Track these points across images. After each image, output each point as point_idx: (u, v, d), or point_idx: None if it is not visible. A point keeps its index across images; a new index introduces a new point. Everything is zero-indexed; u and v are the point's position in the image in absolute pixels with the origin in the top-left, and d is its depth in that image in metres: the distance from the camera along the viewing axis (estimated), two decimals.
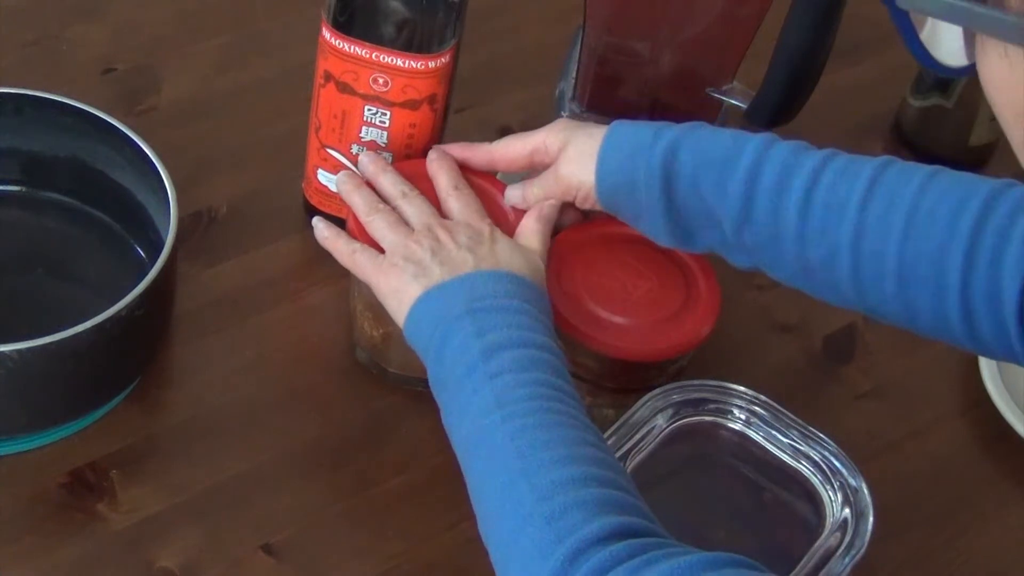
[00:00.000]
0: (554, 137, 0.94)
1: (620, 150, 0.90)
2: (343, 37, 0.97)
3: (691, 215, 0.89)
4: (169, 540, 0.90)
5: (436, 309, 0.85)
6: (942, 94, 1.22)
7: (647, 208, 0.89)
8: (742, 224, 0.86)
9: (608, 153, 0.91)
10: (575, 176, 0.92)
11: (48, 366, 0.87)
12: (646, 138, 0.89)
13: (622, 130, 0.91)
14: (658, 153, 0.88)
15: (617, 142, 0.91)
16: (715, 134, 0.90)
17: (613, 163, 0.90)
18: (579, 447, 0.77)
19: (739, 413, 0.91)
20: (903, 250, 0.82)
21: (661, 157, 0.88)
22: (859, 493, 0.86)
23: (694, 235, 0.90)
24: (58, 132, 1.00)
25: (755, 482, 0.89)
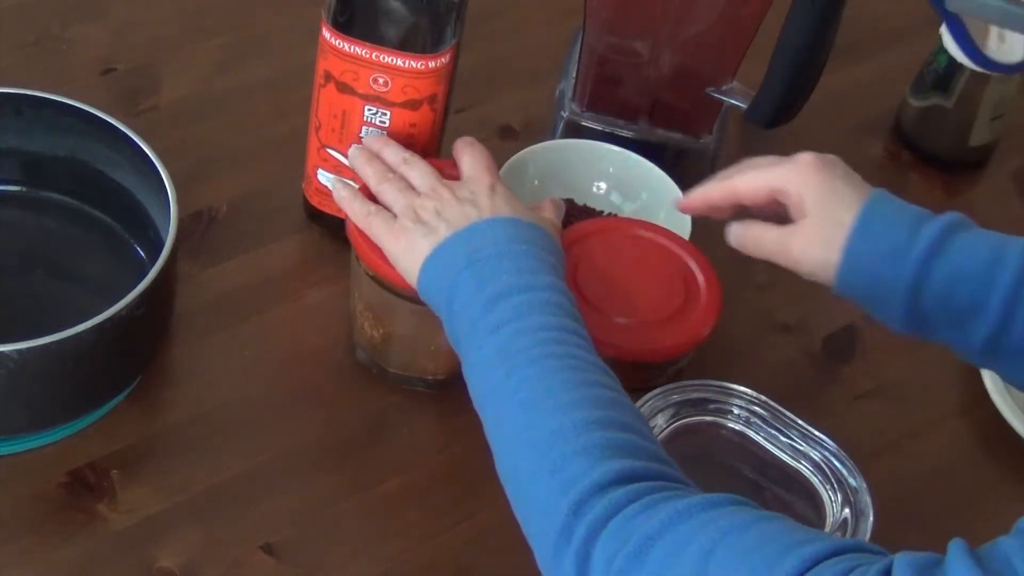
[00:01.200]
0: (801, 187, 0.87)
1: (872, 245, 0.84)
2: (343, 37, 0.97)
3: (936, 320, 0.85)
4: (169, 540, 0.90)
5: (442, 266, 0.85)
6: (942, 94, 1.22)
7: (886, 303, 0.85)
8: (995, 337, 0.83)
9: (858, 247, 0.84)
10: (808, 256, 0.87)
11: (48, 366, 0.87)
12: (901, 238, 0.84)
13: (876, 224, 0.85)
14: (912, 262, 0.83)
15: (870, 236, 0.85)
16: (974, 243, 0.84)
17: (863, 259, 0.84)
18: (582, 389, 0.76)
19: (739, 413, 0.91)
20: None
21: (915, 267, 0.83)
22: (859, 493, 0.86)
23: (933, 333, 0.86)
24: (58, 132, 1.00)
25: (755, 482, 0.89)
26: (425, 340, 0.97)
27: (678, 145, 1.16)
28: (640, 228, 1.00)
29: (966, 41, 0.58)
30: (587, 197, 1.13)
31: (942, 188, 1.25)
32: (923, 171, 1.26)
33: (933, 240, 0.83)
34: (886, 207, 0.85)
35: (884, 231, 0.84)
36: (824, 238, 0.85)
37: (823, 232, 0.85)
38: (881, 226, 0.84)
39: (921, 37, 1.26)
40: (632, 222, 1.02)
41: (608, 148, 1.13)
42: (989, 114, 1.23)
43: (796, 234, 0.87)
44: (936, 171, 1.26)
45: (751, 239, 0.90)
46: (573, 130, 1.16)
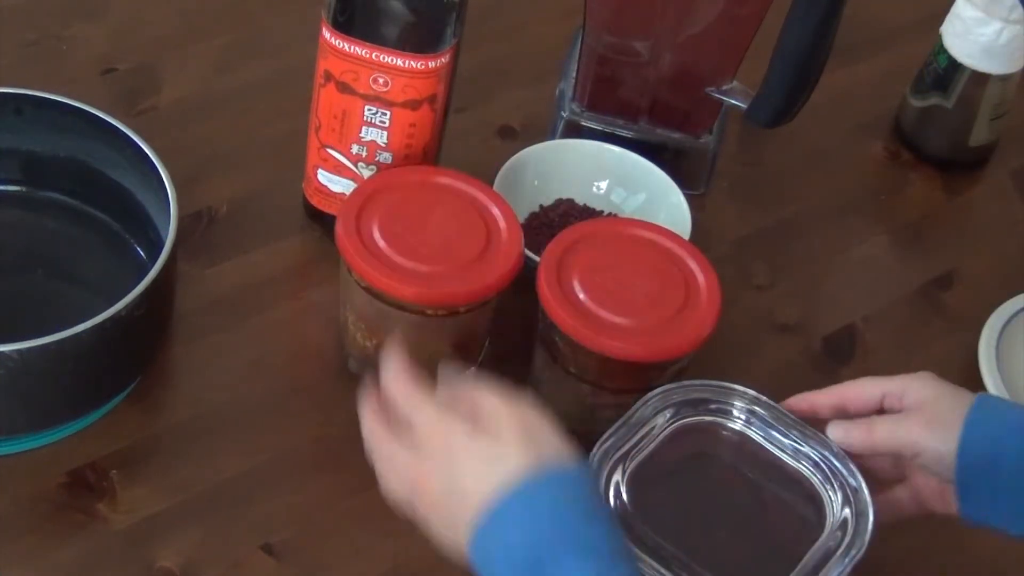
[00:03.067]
0: (918, 387, 0.88)
1: (988, 422, 0.85)
2: (343, 37, 0.97)
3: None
4: (169, 540, 0.90)
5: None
6: (942, 94, 1.22)
7: (1009, 487, 0.84)
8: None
9: (977, 422, 0.85)
10: (925, 440, 0.85)
11: (48, 366, 0.87)
12: (1014, 415, 0.85)
13: (991, 402, 0.87)
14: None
15: (986, 414, 0.85)
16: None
17: (980, 432, 0.84)
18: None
19: (739, 413, 0.91)
20: None
21: None
22: (859, 493, 0.86)
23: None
24: (58, 132, 1.00)
25: (755, 482, 0.89)
26: (419, 348, 0.97)
27: (678, 145, 1.16)
28: (640, 228, 1.00)
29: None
30: (587, 197, 1.13)
31: (942, 188, 1.25)
32: (923, 171, 1.26)
33: None
34: (996, 401, 0.87)
35: (1000, 410, 0.85)
36: (944, 420, 0.85)
37: (943, 416, 0.86)
38: (998, 405, 0.86)
39: (921, 37, 1.26)
40: (632, 222, 1.02)
41: (608, 148, 1.13)
42: (989, 114, 1.23)
43: (912, 418, 0.87)
44: (936, 171, 1.26)
45: (853, 430, 0.89)
46: (573, 130, 1.16)
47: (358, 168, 1.03)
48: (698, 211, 1.11)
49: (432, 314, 0.94)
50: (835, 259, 1.18)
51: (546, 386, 0.99)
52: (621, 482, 0.85)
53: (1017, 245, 1.22)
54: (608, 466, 0.85)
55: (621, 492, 0.84)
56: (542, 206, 1.12)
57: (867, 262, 1.19)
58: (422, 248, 0.94)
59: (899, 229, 1.22)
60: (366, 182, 0.99)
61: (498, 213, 0.97)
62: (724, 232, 1.17)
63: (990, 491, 0.84)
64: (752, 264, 1.15)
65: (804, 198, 1.22)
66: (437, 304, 0.94)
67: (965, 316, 1.13)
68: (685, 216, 1.08)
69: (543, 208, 1.11)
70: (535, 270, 0.96)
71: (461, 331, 0.97)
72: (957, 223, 1.24)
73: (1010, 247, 1.22)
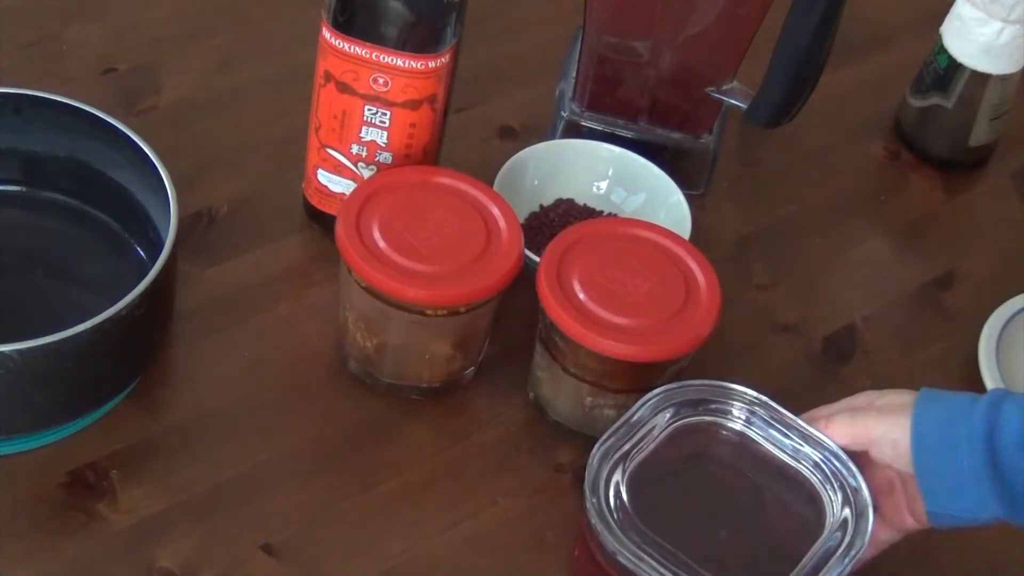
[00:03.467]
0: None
1: (937, 401, 0.85)
2: (343, 37, 0.97)
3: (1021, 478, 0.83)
4: (169, 540, 0.90)
5: None
6: (942, 94, 1.22)
7: (970, 465, 0.83)
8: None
9: (926, 403, 0.85)
10: (877, 426, 0.86)
11: (48, 366, 0.87)
12: (962, 396, 0.85)
13: (937, 392, 0.86)
14: (980, 411, 0.83)
15: (933, 396, 0.86)
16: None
17: (931, 413, 0.85)
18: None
19: (739, 413, 0.90)
20: None
21: (984, 416, 0.83)
22: (859, 493, 0.86)
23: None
24: (58, 132, 1.00)
25: (755, 482, 0.89)
26: (419, 348, 0.97)
27: (678, 145, 1.16)
28: (640, 228, 1.00)
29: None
30: (587, 197, 1.13)
31: (942, 188, 1.25)
32: (923, 171, 1.26)
33: (998, 394, 0.84)
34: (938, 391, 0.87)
35: (945, 397, 0.85)
36: (893, 405, 0.86)
37: (891, 402, 0.87)
38: (941, 396, 0.86)
39: (921, 37, 1.26)
40: (632, 222, 1.02)
41: (608, 148, 1.13)
42: (989, 114, 1.23)
43: (866, 410, 0.88)
44: (936, 171, 1.26)
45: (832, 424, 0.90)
46: (573, 130, 1.16)
47: (358, 168, 1.03)
48: (698, 211, 1.11)
49: (432, 314, 0.94)
50: (835, 259, 1.18)
51: (546, 386, 0.99)
52: (621, 482, 0.85)
53: (1017, 245, 1.22)
54: (608, 466, 0.85)
55: (621, 492, 0.84)
56: (542, 206, 1.12)
57: (867, 262, 1.19)
58: (422, 248, 0.94)
59: (899, 229, 1.22)
60: (366, 182, 0.99)
61: (498, 213, 0.98)
62: (724, 232, 1.17)
63: (950, 470, 0.83)
64: (752, 264, 1.15)
65: (804, 198, 1.22)
66: (437, 304, 0.94)
67: (965, 316, 1.13)
68: (685, 216, 1.08)
69: (543, 208, 1.11)
70: (535, 270, 0.96)
71: (461, 331, 0.97)
72: (957, 223, 1.24)
73: (1010, 247, 1.22)
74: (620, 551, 0.82)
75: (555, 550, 0.93)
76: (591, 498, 0.84)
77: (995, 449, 0.82)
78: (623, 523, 0.83)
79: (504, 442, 0.99)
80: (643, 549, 0.82)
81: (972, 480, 0.82)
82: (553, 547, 0.93)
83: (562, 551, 0.92)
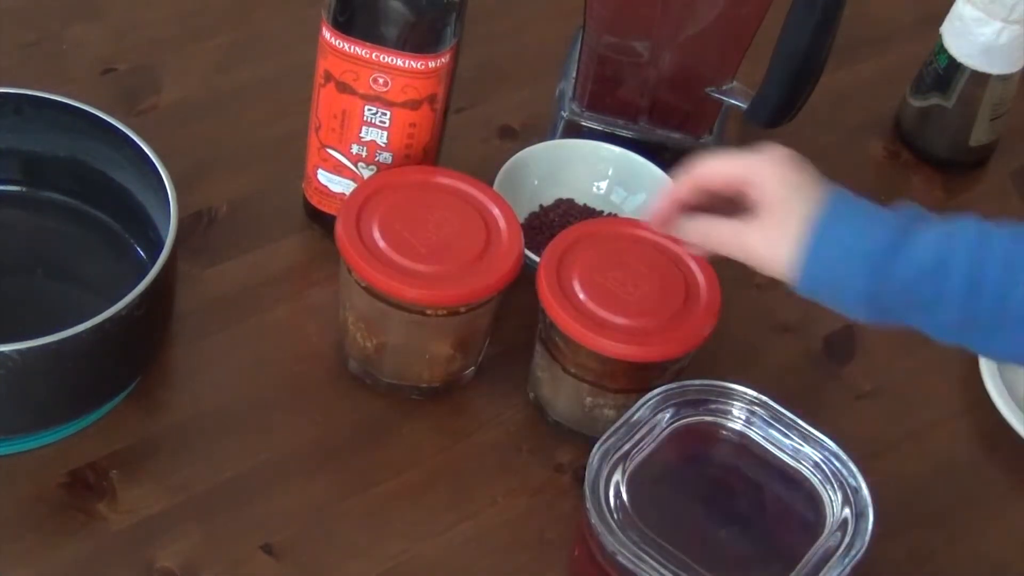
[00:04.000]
0: (769, 179, 0.88)
1: (831, 246, 0.85)
2: (343, 37, 0.97)
3: (899, 312, 0.85)
4: (169, 540, 0.90)
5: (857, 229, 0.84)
6: (942, 94, 1.22)
7: (847, 300, 0.85)
8: (961, 326, 0.84)
9: (818, 246, 0.85)
10: (765, 250, 0.87)
11: (48, 366, 0.87)
12: (857, 247, 0.84)
13: (836, 224, 0.85)
14: (866, 270, 0.83)
15: (829, 237, 0.85)
16: (925, 236, 0.84)
17: (822, 258, 0.85)
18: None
19: (739, 413, 0.91)
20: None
21: (874, 268, 0.83)
22: (859, 493, 0.86)
23: (900, 320, 0.86)
24: (58, 132, 1.00)
25: (755, 482, 0.89)
26: (419, 348, 0.97)
27: (678, 145, 1.16)
28: (640, 228, 1.00)
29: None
30: (587, 197, 1.13)
31: (942, 188, 1.25)
32: (923, 171, 1.26)
33: (888, 240, 0.83)
34: (846, 206, 0.86)
35: (843, 231, 0.85)
36: (784, 232, 0.86)
37: (783, 227, 0.86)
38: (840, 226, 0.85)
39: (921, 37, 1.26)
40: (632, 222, 1.02)
41: (608, 148, 1.13)
42: (989, 114, 1.23)
43: (752, 226, 0.88)
44: (936, 171, 1.26)
45: (703, 230, 0.91)
46: (573, 130, 1.16)
47: (358, 168, 1.03)
48: None
49: (432, 314, 0.94)
50: None
51: (546, 386, 0.99)
52: (621, 482, 0.85)
53: None
54: (608, 466, 0.85)
55: (621, 492, 0.84)
56: (542, 206, 1.12)
57: None
58: (422, 248, 0.94)
59: None
60: (366, 182, 0.99)
61: (498, 213, 0.98)
62: None
63: (831, 303, 0.86)
64: None
65: None
66: (437, 304, 0.94)
67: None
68: None
69: (543, 208, 1.11)
70: (535, 270, 0.96)
71: (461, 331, 0.97)
72: None
73: None
74: (620, 551, 0.82)
75: (555, 550, 0.93)
76: (591, 498, 0.84)
77: (881, 296, 0.84)
78: (623, 523, 0.83)
79: (504, 442, 0.99)
80: (643, 549, 0.82)
81: (852, 306, 0.85)
82: (553, 547, 0.93)
83: (562, 551, 0.92)
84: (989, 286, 0.82)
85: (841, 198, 0.86)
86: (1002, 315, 0.82)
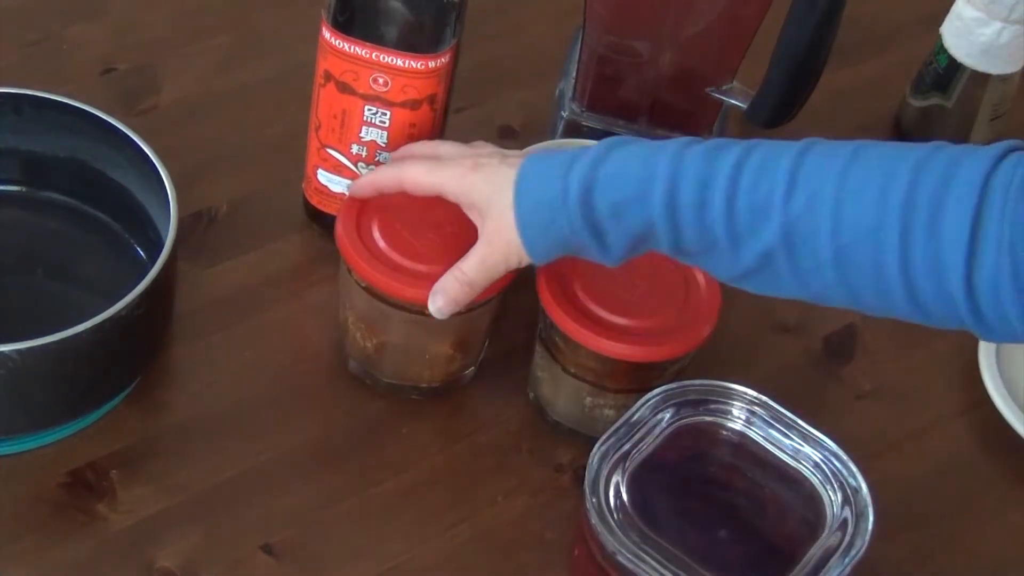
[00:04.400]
0: (467, 194, 0.89)
1: (536, 210, 0.86)
2: (343, 37, 0.97)
3: (627, 247, 0.86)
4: (169, 540, 0.90)
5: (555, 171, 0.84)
6: (942, 94, 1.22)
7: (586, 251, 0.87)
8: (676, 246, 0.84)
9: (527, 219, 0.86)
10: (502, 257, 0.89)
11: (48, 366, 0.87)
12: (555, 190, 0.85)
13: (531, 188, 0.86)
14: (573, 207, 0.84)
15: (529, 200, 0.86)
16: (624, 161, 0.84)
17: (536, 226, 0.86)
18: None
19: (739, 413, 0.91)
20: (836, 238, 0.78)
21: (579, 211, 0.84)
22: (859, 493, 0.86)
23: (634, 253, 0.87)
24: (58, 132, 1.00)
25: (755, 482, 0.89)
26: (419, 348, 0.97)
27: None
28: None
29: None
30: None
31: None
32: None
33: (584, 172, 0.84)
34: (535, 166, 0.86)
35: (539, 190, 0.85)
36: (505, 226, 0.87)
37: (501, 222, 0.87)
38: (535, 188, 0.86)
39: (921, 37, 1.26)
40: None
41: None
42: (989, 114, 1.23)
43: (482, 244, 0.89)
44: None
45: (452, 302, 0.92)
46: (573, 130, 1.16)
47: (358, 168, 1.03)
48: None
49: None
50: None
51: (546, 386, 0.99)
52: (621, 482, 0.85)
53: None
54: (608, 466, 0.85)
55: (621, 492, 0.84)
56: None
57: None
58: (422, 248, 0.94)
59: None
60: None
61: None
62: None
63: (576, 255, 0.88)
64: None
65: None
66: None
67: None
68: None
69: None
70: (535, 270, 0.96)
71: (461, 331, 0.97)
72: None
73: None
74: (620, 551, 0.82)
75: (555, 550, 0.93)
76: (591, 498, 0.84)
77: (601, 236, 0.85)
78: (623, 523, 0.83)
79: (504, 442, 0.99)
80: (643, 549, 0.82)
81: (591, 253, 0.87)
82: (553, 547, 0.93)
83: (562, 551, 0.92)
84: (685, 210, 0.82)
85: (530, 160, 0.87)
86: (705, 240, 0.82)
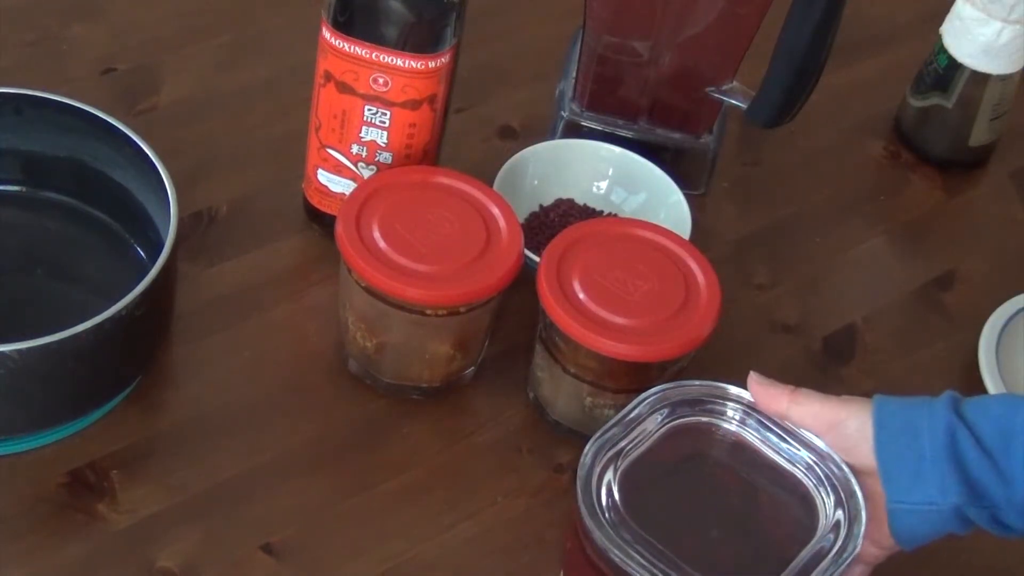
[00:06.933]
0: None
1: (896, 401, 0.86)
2: (343, 37, 0.97)
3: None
4: (169, 540, 0.90)
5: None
6: (942, 94, 1.22)
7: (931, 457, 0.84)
8: None
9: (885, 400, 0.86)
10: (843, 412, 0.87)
11: (48, 366, 0.87)
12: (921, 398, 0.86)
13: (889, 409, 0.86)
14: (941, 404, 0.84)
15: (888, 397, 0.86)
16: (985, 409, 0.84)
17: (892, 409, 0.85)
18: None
19: (734, 414, 0.90)
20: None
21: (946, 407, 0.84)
22: (853, 497, 0.86)
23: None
24: (58, 132, 1.00)
25: (749, 483, 0.89)
26: (419, 348, 0.97)
27: (678, 145, 1.16)
28: (640, 228, 1.00)
29: None
30: (587, 197, 1.13)
31: (942, 188, 1.25)
32: (923, 171, 1.26)
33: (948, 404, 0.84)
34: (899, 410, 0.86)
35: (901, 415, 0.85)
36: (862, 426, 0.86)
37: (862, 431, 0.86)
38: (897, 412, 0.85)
39: (921, 37, 1.26)
40: (632, 222, 1.02)
41: (608, 148, 1.13)
42: (989, 114, 1.23)
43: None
44: (936, 171, 1.26)
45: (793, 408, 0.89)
46: (573, 130, 1.16)
47: (358, 168, 1.03)
48: (698, 211, 1.11)
49: (432, 314, 0.94)
50: (835, 259, 1.18)
51: (546, 386, 0.99)
52: (613, 480, 0.85)
53: (1017, 245, 1.22)
54: (600, 464, 0.85)
55: (613, 490, 0.84)
56: (542, 206, 1.12)
57: (867, 262, 1.19)
58: (422, 248, 0.94)
59: (899, 229, 1.22)
60: (366, 182, 0.99)
61: (498, 213, 0.98)
62: (724, 232, 1.17)
63: (912, 452, 0.84)
64: (752, 264, 1.15)
65: (804, 198, 1.22)
66: (437, 304, 0.94)
67: (965, 316, 1.13)
68: (685, 216, 1.08)
69: (543, 208, 1.12)
70: (535, 270, 0.96)
71: (461, 331, 0.97)
72: (957, 223, 1.24)
73: (1010, 247, 1.22)
74: (610, 548, 0.81)
75: (555, 550, 0.93)
76: (583, 495, 0.83)
77: (955, 440, 0.82)
78: (614, 521, 0.83)
79: (504, 442, 0.99)
80: (634, 548, 0.82)
81: (933, 464, 0.83)
82: (553, 547, 0.93)
83: (562, 551, 0.92)
84: None
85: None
86: None
